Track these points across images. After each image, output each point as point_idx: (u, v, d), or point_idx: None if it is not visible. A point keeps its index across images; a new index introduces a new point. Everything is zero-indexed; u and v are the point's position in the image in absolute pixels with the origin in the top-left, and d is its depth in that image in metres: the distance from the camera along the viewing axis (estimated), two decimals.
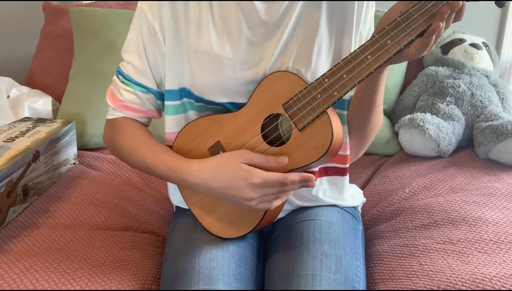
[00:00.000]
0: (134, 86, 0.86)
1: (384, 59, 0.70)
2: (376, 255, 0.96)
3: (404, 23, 0.68)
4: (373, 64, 0.70)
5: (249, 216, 0.81)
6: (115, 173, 1.28)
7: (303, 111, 0.75)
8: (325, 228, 0.85)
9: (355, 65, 0.71)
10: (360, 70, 0.71)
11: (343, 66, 0.71)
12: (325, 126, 0.74)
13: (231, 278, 0.77)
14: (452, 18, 0.67)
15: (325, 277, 0.76)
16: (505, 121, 1.29)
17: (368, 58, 0.70)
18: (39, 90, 1.59)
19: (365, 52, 0.70)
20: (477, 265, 0.84)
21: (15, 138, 1.12)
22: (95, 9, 1.61)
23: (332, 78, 0.72)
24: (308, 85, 0.74)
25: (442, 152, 1.33)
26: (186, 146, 0.84)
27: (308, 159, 0.76)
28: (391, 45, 0.69)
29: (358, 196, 1.00)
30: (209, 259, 0.78)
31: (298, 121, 0.75)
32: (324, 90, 0.73)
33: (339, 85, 0.72)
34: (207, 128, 0.82)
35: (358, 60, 0.71)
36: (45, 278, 0.83)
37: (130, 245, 0.96)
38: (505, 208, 1.02)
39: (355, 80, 0.71)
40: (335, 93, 0.72)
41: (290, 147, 0.77)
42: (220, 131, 0.81)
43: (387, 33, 0.69)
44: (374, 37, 0.70)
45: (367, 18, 0.82)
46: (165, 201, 1.18)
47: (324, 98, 0.73)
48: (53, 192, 1.13)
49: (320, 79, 0.73)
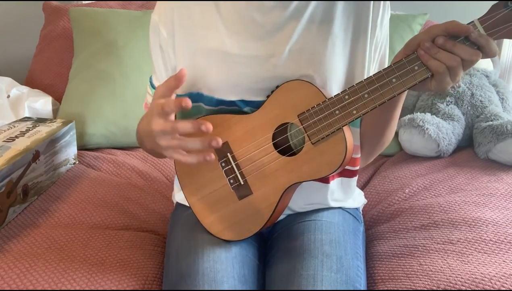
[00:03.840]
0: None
1: (409, 85, 0.68)
2: (376, 255, 0.96)
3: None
4: (397, 88, 0.69)
5: (251, 220, 0.81)
6: (115, 172, 1.28)
7: (319, 126, 0.74)
8: (326, 228, 0.85)
9: (379, 87, 0.70)
10: (382, 93, 0.70)
11: (365, 85, 0.70)
12: (340, 143, 0.74)
13: (235, 281, 0.77)
14: (470, 60, 0.66)
15: (326, 277, 0.76)
16: (505, 121, 1.29)
17: (393, 82, 0.69)
18: (39, 90, 1.59)
19: (390, 75, 0.69)
20: (477, 265, 0.84)
21: (15, 138, 1.12)
22: (95, 9, 1.61)
23: (353, 96, 0.71)
24: (327, 99, 0.73)
25: (442, 152, 1.33)
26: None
27: (318, 173, 0.76)
28: (419, 72, 0.68)
29: (359, 197, 1.01)
30: (212, 260, 0.78)
31: (313, 135, 0.74)
32: (343, 107, 0.72)
33: (359, 104, 0.71)
34: (215, 127, 0.79)
35: (382, 82, 0.69)
36: (45, 278, 0.83)
37: (130, 244, 0.96)
38: (505, 208, 1.02)
39: (376, 102, 0.70)
40: (354, 111, 0.71)
41: (301, 158, 0.76)
42: (229, 132, 0.80)
43: (417, 59, 0.68)
44: (402, 61, 0.68)
45: (383, 22, 0.82)
46: (165, 200, 1.18)
47: (343, 116, 0.72)
48: (53, 192, 1.13)
49: (340, 95, 0.72)
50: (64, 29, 1.68)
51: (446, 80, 0.68)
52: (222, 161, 0.80)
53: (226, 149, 0.80)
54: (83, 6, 1.72)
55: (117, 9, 1.63)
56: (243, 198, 0.81)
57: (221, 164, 0.80)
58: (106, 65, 1.47)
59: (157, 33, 0.84)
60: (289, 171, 0.78)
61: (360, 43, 0.81)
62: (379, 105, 0.70)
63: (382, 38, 0.83)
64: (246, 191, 0.80)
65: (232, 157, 0.80)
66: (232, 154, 0.80)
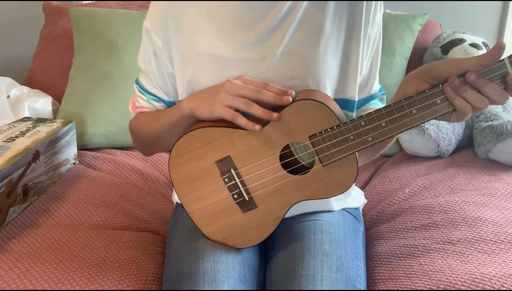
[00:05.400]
0: (147, 95, 0.90)
1: (430, 118, 0.67)
2: (376, 255, 0.96)
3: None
4: (417, 121, 0.68)
5: (254, 232, 0.80)
6: (115, 172, 1.28)
7: (332, 150, 0.72)
8: (326, 228, 0.85)
9: (398, 117, 0.68)
10: (401, 124, 0.69)
11: (384, 115, 0.69)
12: (351, 166, 0.73)
13: (236, 281, 0.77)
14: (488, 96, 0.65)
15: (326, 276, 0.76)
16: (505, 121, 1.29)
17: (413, 113, 0.68)
18: (39, 90, 1.59)
19: (412, 106, 0.67)
20: (477, 265, 0.84)
21: (15, 138, 1.12)
22: (95, 9, 1.61)
23: (370, 124, 0.70)
24: (342, 124, 0.71)
25: (442, 152, 1.33)
26: (189, 152, 0.78)
27: (326, 194, 0.76)
28: (441, 106, 0.67)
29: (359, 197, 1.01)
30: (213, 260, 0.78)
31: (324, 158, 0.73)
32: (358, 134, 0.70)
33: (376, 133, 0.70)
34: (215, 140, 0.76)
35: (402, 113, 0.68)
36: (45, 278, 0.83)
37: (130, 244, 0.96)
38: (505, 208, 1.02)
39: (394, 131, 0.69)
40: (369, 139, 0.70)
41: (310, 178, 0.76)
42: (232, 147, 0.76)
43: (441, 93, 0.66)
44: (425, 93, 0.67)
45: (376, 19, 0.82)
46: (165, 200, 1.18)
47: (357, 143, 0.71)
48: (53, 192, 1.13)
49: (356, 122, 0.70)
50: (64, 29, 1.68)
51: (468, 115, 0.67)
52: (225, 176, 0.78)
53: (228, 163, 0.77)
54: (83, 6, 1.72)
55: (117, 9, 1.63)
56: (247, 211, 0.80)
57: (223, 179, 0.78)
58: (106, 65, 1.47)
59: (150, 40, 0.84)
60: (297, 189, 0.77)
61: (353, 42, 0.80)
62: (396, 135, 0.69)
63: (374, 35, 0.83)
64: (250, 205, 0.79)
65: (236, 173, 0.77)
66: (237, 170, 0.77)
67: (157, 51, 0.84)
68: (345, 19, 0.80)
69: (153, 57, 0.85)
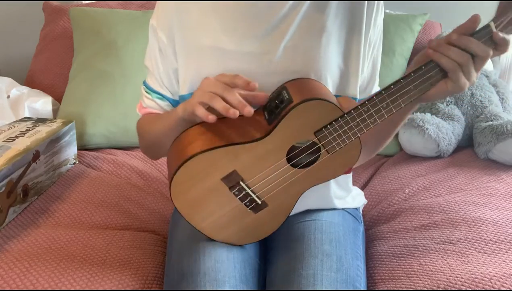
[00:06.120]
0: (152, 94, 0.91)
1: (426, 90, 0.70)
2: (376, 255, 0.96)
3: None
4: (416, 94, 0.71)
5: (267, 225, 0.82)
6: (115, 172, 1.28)
7: (338, 140, 0.73)
8: (326, 228, 0.85)
9: (398, 97, 0.71)
10: (402, 101, 0.71)
11: (385, 97, 0.71)
12: (355, 149, 0.76)
13: (237, 281, 0.77)
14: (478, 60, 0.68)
15: (326, 276, 0.76)
16: (505, 121, 1.29)
17: (411, 90, 0.70)
18: (39, 90, 1.59)
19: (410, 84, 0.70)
20: (477, 265, 0.84)
21: (15, 138, 1.12)
22: (95, 9, 1.61)
23: (372, 108, 0.71)
24: (346, 114, 0.72)
25: (442, 152, 1.33)
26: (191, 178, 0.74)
27: (333, 175, 0.79)
28: (435, 77, 0.70)
29: (359, 198, 1.01)
30: (214, 260, 0.78)
31: (331, 148, 0.75)
32: (362, 120, 0.72)
33: (378, 114, 0.72)
34: (219, 159, 0.73)
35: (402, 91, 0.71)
36: (45, 278, 0.83)
37: (130, 244, 0.96)
38: (505, 208, 1.02)
39: (395, 109, 0.71)
40: (372, 120, 0.72)
41: (317, 166, 0.77)
42: (236, 162, 0.74)
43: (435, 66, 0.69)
44: (422, 69, 0.70)
45: (377, 22, 0.83)
46: (165, 200, 1.18)
47: (362, 127, 0.72)
48: (53, 192, 1.13)
49: (360, 109, 0.71)
50: (64, 29, 1.68)
51: (462, 80, 0.68)
52: (235, 190, 0.76)
53: (235, 177, 0.75)
54: (83, 6, 1.72)
55: (117, 9, 1.63)
56: (259, 211, 0.80)
57: (233, 192, 0.77)
58: (106, 65, 1.47)
59: (156, 38, 0.85)
60: (305, 179, 0.78)
61: (355, 41, 0.81)
62: (396, 111, 0.71)
63: (375, 38, 0.84)
64: (262, 205, 0.80)
65: (246, 185, 0.76)
66: (245, 182, 0.76)
67: (162, 47, 0.85)
68: (346, 17, 0.81)
69: (158, 54, 0.86)
